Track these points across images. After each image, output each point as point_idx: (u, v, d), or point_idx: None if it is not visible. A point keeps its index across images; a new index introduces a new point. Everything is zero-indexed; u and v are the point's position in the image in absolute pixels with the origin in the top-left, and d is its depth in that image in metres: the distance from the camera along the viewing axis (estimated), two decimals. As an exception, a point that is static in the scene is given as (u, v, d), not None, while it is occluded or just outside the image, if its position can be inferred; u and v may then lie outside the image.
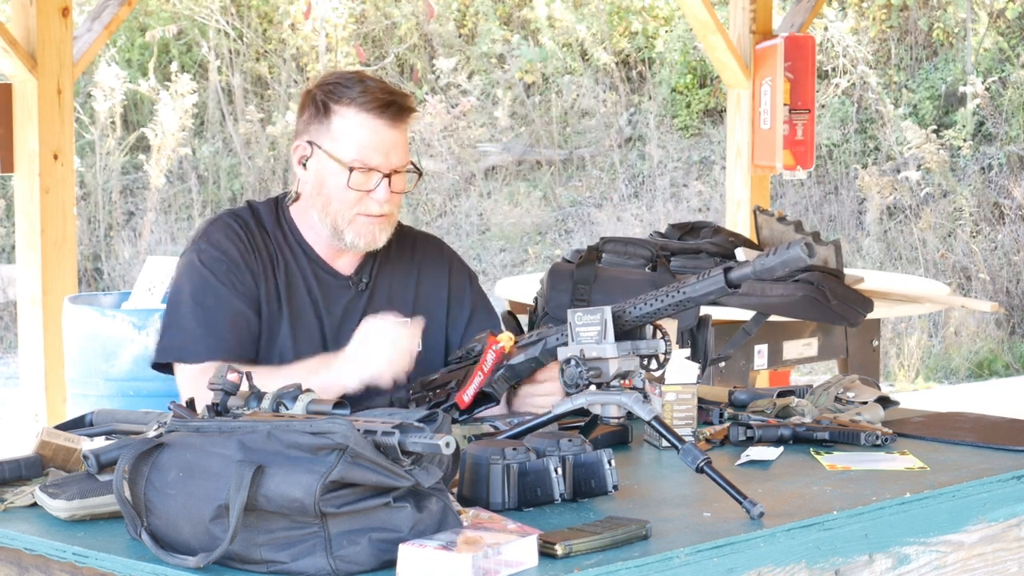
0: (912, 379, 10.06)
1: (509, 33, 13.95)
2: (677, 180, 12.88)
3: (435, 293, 3.16)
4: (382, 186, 2.97)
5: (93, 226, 12.59)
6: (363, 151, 2.97)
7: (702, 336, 3.66)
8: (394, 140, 2.98)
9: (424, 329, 3.04)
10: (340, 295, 3.08)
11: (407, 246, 3.18)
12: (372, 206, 2.99)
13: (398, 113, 2.99)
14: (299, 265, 3.07)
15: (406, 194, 3.11)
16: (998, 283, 11.07)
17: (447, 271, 3.19)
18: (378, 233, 3.02)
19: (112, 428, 2.74)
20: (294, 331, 3.04)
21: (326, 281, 3.08)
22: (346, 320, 3.05)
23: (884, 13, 12.96)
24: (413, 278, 3.14)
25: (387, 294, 3.10)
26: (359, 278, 3.09)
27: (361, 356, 2.88)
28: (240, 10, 14.03)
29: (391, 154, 2.98)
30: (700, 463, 2.44)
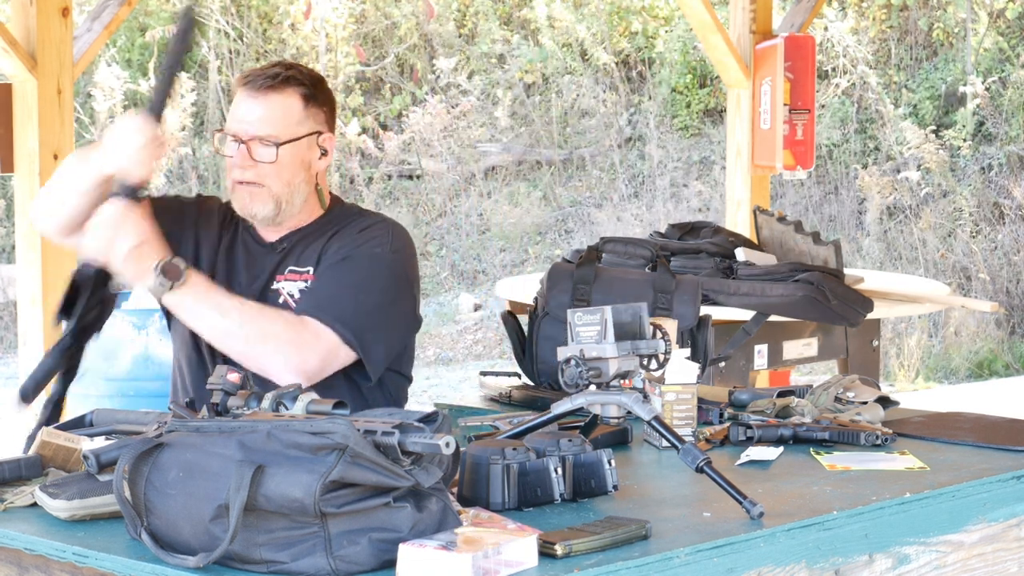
0: (912, 379, 10.06)
1: (509, 33, 13.95)
2: (677, 180, 12.88)
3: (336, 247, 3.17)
4: (238, 151, 3.07)
5: (93, 226, 12.58)
6: (231, 120, 3.12)
7: (702, 336, 3.66)
8: (255, 108, 3.07)
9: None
10: (261, 258, 3.19)
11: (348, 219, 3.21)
12: (234, 171, 3.10)
13: (263, 84, 3.07)
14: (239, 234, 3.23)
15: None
16: (998, 283, 11.07)
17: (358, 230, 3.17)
18: (248, 201, 3.11)
19: (112, 428, 2.74)
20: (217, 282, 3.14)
21: (252, 248, 3.21)
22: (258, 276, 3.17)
23: (884, 13, 12.96)
24: (324, 240, 3.18)
25: (301, 250, 3.18)
26: (281, 244, 3.19)
27: (110, 145, 2.99)
28: (240, 10, 14.03)
29: (248, 122, 3.07)
30: (700, 463, 2.44)
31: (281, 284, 3.15)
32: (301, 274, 3.15)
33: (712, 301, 5.19)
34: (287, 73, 3.11)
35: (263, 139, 3.07)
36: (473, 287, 12.46)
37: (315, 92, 3.14)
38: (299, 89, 3.11)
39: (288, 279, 3.15)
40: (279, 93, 3.09)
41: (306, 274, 3.15)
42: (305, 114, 3.11)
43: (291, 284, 3.15)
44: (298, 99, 3.10)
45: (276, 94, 3.09)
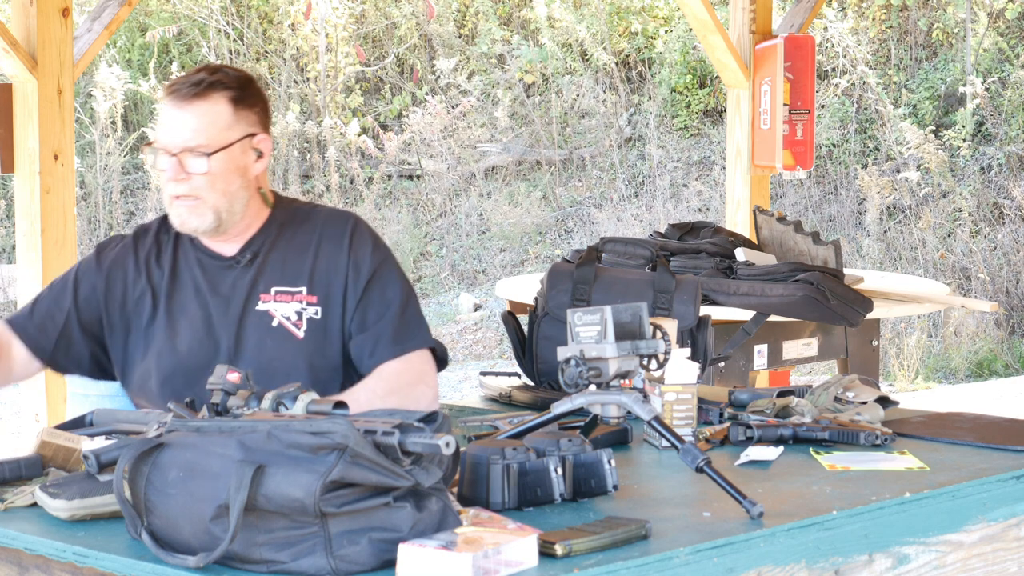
0: (912, 379, 10.06)
1: (509, 33, 13.95)
2: (677, 180, 12.88)
3: (333, 262, 3.10)
4: (170, 164, 2.98)
5: (93, 226, 12.60)
6: (159, 133, 3.02)
7: (702, 336, 3.66)
8: (181, 119, 2.97)
9: (323, 301, 3.07)
10: (224, 275, 3.09)
11: (311, 223, 3.15)
12: (168, 186, 3.01)
13: (186, 93, 2.98)
14: (187, 259, 3.12)
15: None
16: (998, 283, 11.06)
17: (347, 239, 3.12)
18: (187, 215, 3.02)
19: (112, 428, 2.74)
20: (171, 321, 3.08)
21: (209, 266, 3.11)
22: (233, 297, 3.08)
23: (884, 13, 12.96)
24: (311, 251, 3.10)
25: (280, 264, 3.09)
26: (243, 256, 3.09)
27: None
28: (240, 10, 14.03)
29: (176, 133, 2.97)
30: (700, 463, 2.44)
31: (271, 305, 3.07)
32: (294, 294, 3.07)
33: (712, 301, 5.19)
34: (211, 78, 3.00)
35: (193, 150, 2.97)
36: (473, 287, 12.46)
37: (243, 94, 3.03)
38: (225, 93, 3.00)
39: (278, 300, 3.07)
40: (205, 100, 2.98)
41: (299, 294, 3.07)
42: (235, 118, 3.01)
43: (284, 306, 3.06)
44: (226, 104, 3.00)
45: (202, 102, 2.98)
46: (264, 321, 3.06)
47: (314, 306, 3.08)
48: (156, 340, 3.09)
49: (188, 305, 3.09)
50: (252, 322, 3.06)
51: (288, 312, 3.07)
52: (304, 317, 3.07)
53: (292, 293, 3.08)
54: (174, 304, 3.09)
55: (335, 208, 3.25)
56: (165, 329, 3.08)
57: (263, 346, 3.04)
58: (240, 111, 3.02)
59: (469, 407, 3.52)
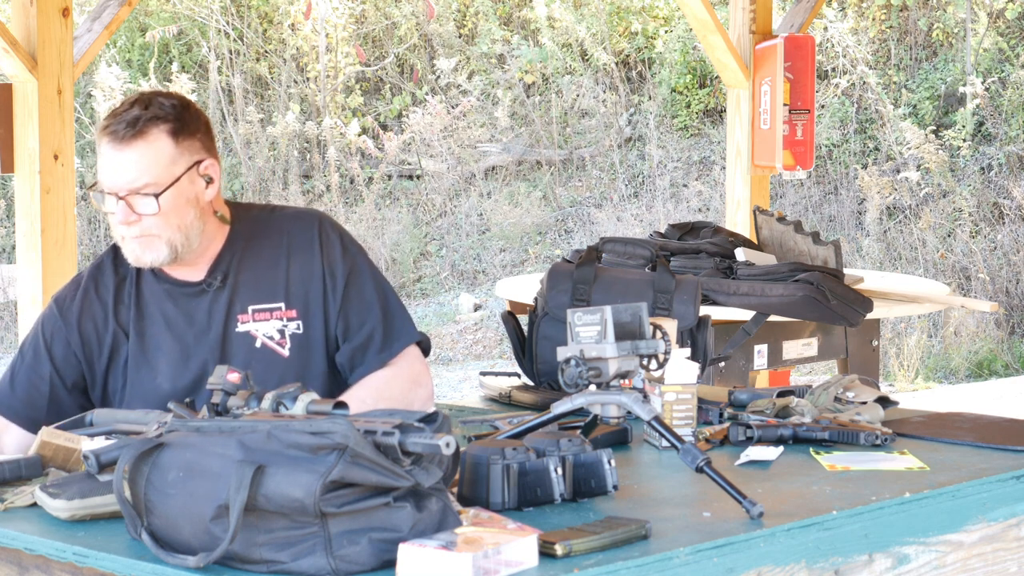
0: (912, 379, 10.06)
1: (509, 33, 13.95)
2: (677, 180, 12.88)
3: (307, 271, 3.05)
4: (119, 208, 2.87)
5: (93, 226, 12.60)
6: (101, 175, 2.90)
7: (702, 336, 3.66)
8: (122, 161, 2.87)
9: (303, 314, 3.02)
10: (196, 301, 3.02)
11: (276, 231, 3.08)
12: (119, 228, 2.91)
13: (125, 134, 2.87)
14: (152, 291, 3.04)
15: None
16: (998, 283, 11.06)
17: (317, 244, 3.06)
18: (140, 251, 2.92)
19: (112, 428, 2.74)
20: (148, 359, 3.01)
21: (178, 295, 3.03)
22: (210, 323, 3.01)
23: (884, 13, 12.96)
24: (283, 262, 3.04)
25: (253, 282, 3.02)
26: (212, 279, 3.02)
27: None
28: (240, 10, 14.03)
29: (118, 176, 2.87)
30: (700, 463, 2.44)
31: (251, 325, 3.01)
32: (273, 311, 3.01)
33: (712, 301, 5.19)
34: (147, 114, 2.88)
35: (140, 191, 2.87)
36: (473, 287, 12.46)
37: (181, 124, 2.91)
38: (164, 127, 2.88)
39: (258, 319, 3.01)
40: (144, 139, 2.87)
41: (278, 310, 3.01)
42: (177, 151, 2.90)
43: (265, 324, 3.01)
44: (166, 138, 2.88)
45: (141, 140, 2.86)
46: (247, 343, 3.01)
47: (295, 320, 3.03)
48: (136, 381, 3.02)
49: (161, 340, 3.02)
50: (234, 345, 3.00)
51: (269, 331, 3.01)
52: (287, 334, 3.02)
53: (271, 310, 3.02)
54: (147, 341, 3.02)
55: (297, 209, 3.18)
56: (144, 369, 3.02)
57: (250, 369, 2.99)
58: (182, 142, 2.91)
59: (469, 407, 3.51)
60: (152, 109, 2.90)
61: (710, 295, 5.19)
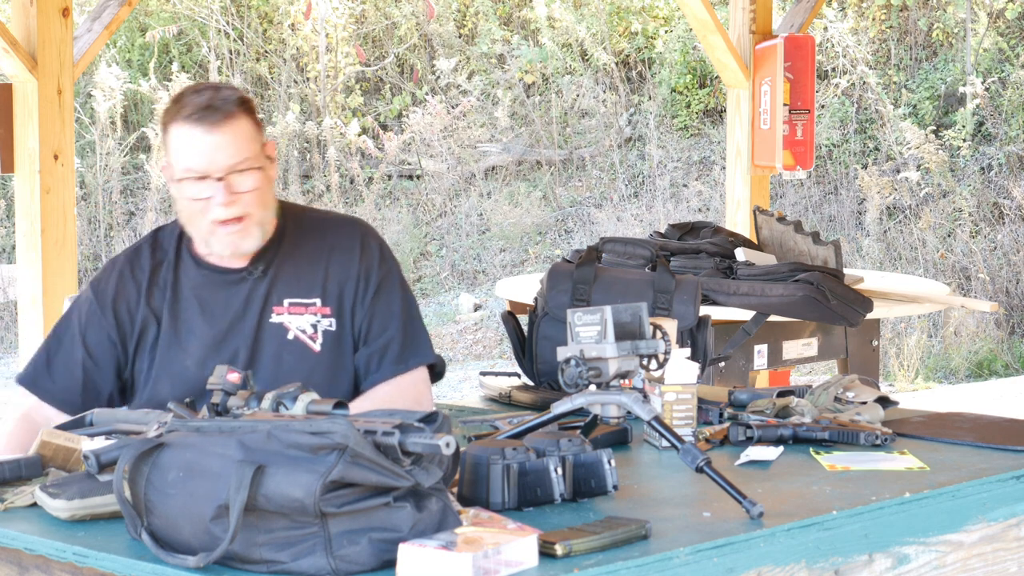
0: (912, 379, 10.06)
1: (509, 33, 13.95)
2: (677, 180, 12.88)
3: (344, 273, 3.10)
4: (219, 190, 2.94)
5: (93, 226, 12.60)
6: (189, 160, 2.95)
7: (702, 336, 3.66)
8: (217, 142, 2.94)
9: (336, 312, 3.07)
10: (235, 289, 3.07)
11: (321, 231, 3.14)
12: (218, 211, 2.95)
13: (216, 117, 2.94)
14: (190, 276, 3.09)
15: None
16: (998, 283, 11.06)
17: (358, 248, 3.12)
18: (239, 240, 3.00)
19: (112, 428, 2.74)
20: (179, 342, 3.06)
21: (218, 281, 3.08)
22: (247, 311, 3.06)
23: (884, 13, 12.96)
24: (323, 261, 3.10)
25: (294, 276, 3.08)
26: (254, 267, 3.07)
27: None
28: (240, 10, 14.03)
29: (217, 156, 2.94)
30: (700, 463, 2.44)
31: (284, 318, 3.06)
32: (308, 306, 3.07)
33: (712, 301, 5.19)
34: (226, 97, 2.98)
35: (238, 168, 2.96)
36: (473, 287, 12.46)
37: (249, 105, 3.03)
38: (241, 107, 2.99)
39: (292, 312, 3.07)
40: (233, 119, 2.96)
41: (314, 306, 3.07)
42: (254, 130, 3.01)
43: (298, 318, 3.06)
44: (245, 118, 2.99)
45: (231, 121, 2.95)
46: (279, 334, 3.06)
47: (328, 318, 3.08)
48: (165, 361, 3.06)
49: (195, 324, 3.06)
50: (267, 335, 3.05)
51: (303, 325, 3.06)
52: (319, 330, 3.07)
53: (306, 305, 3.07)
54: (180, 324, 3.07)
55: (343, 215, 3.25)
56: (174, 350, 3.06)
57: (280, 360, 3.04)
58: (254, 122, 3.02)
59: (469, 407, 3.52)
60: (224, 93, 2.99)
61: (710, 295, 5.19)
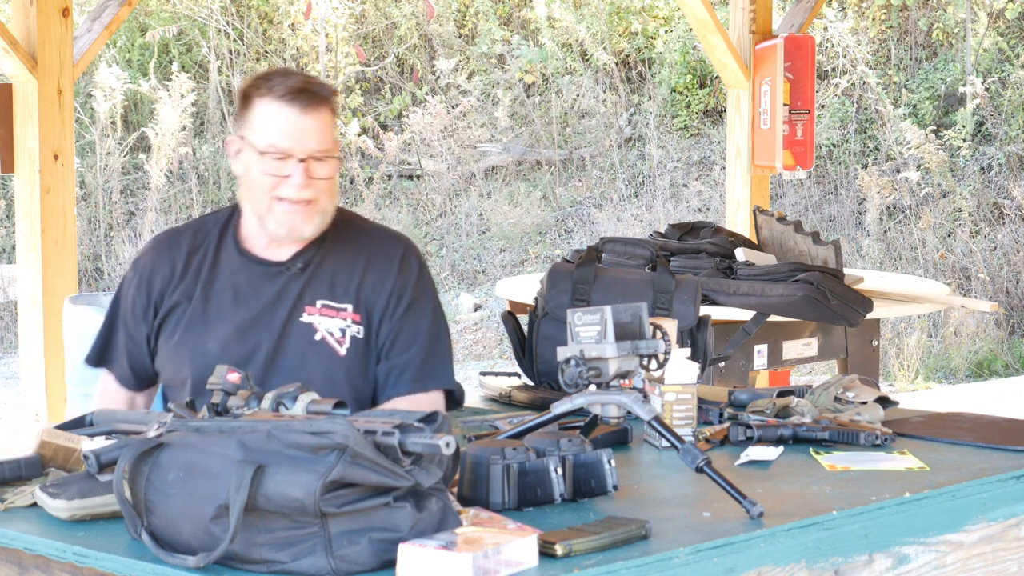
0: (912, 379, 10.06)
1: (509, 33, 13.95)
2: (677, 180, 12.88)
3: (379, 284, 3.12)
4: (298, 170, 2.99)
5: (93, 226, 12.60)
6: (276, 136, 2.99)
7: (702, 336, 3.66)
8: (308, 126, 3.00)
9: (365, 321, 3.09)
10: (271, 281, 3.09)
11: (363, 239, 3.17)
12: (290, 191, 3.00)
13: (310, 100, 3.00)
14: (229, 261, 3.13)
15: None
16: (998, 283, 11.06)
17: (397, 264, 3.15)
18: (300, 222, 3.04)
19: (112, 428, 2.74)
20: (207, 322, 3.09)
21: (255, 270, 3.11)
22: (279, 302, 3.08)
23: (884, 13, 12.96)
24: (360, 267, 3.12)
25: (330, 278, 3.10)
26: (294, 263, 3.10)
27: None
28: (240, 10, 14.03)
29: (305, 139, 2.99)
30: (700, 463, 2.44)
31: (315, 318, 3.08)
32: (339, 311, 3.09)
33: (712, 301, 5.19)
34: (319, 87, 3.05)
35: (319, 154, 3.01)
36: (473, 287, 12.46)
37: (336, 101, 3.12)
38: (329, 100, 3.06)
39: (324, 313, 3.08)
40: (322, 108, 3.03)
41: (345, 311, 3.08)
42: (334, 124, 3.08)
43: (328, 320, 3.08)
44: (329, 111, 3.05)
45: (322, 108, 3.02)
46: (307, 334, 3.07)
47: (358, 325, 3.09)
48: (186, 340, 3.09)
49: (225, 309, 3.09)
50: (294, 332, 3.07)
51: (332, 328, 3.08)
52: (348, 335, 3.08)
53: (337, 309, 3.09)
54: (210, 307, 3.09)
55: (390, 229, 3.28)
56: (199, 329, 3.08)
57: (304, 359, 3.05)
58: (335, 116, 3.10)
59: (469, 407, 3.52)
60: (316, 84, 3.06)
61: (710, 295, 5.19)
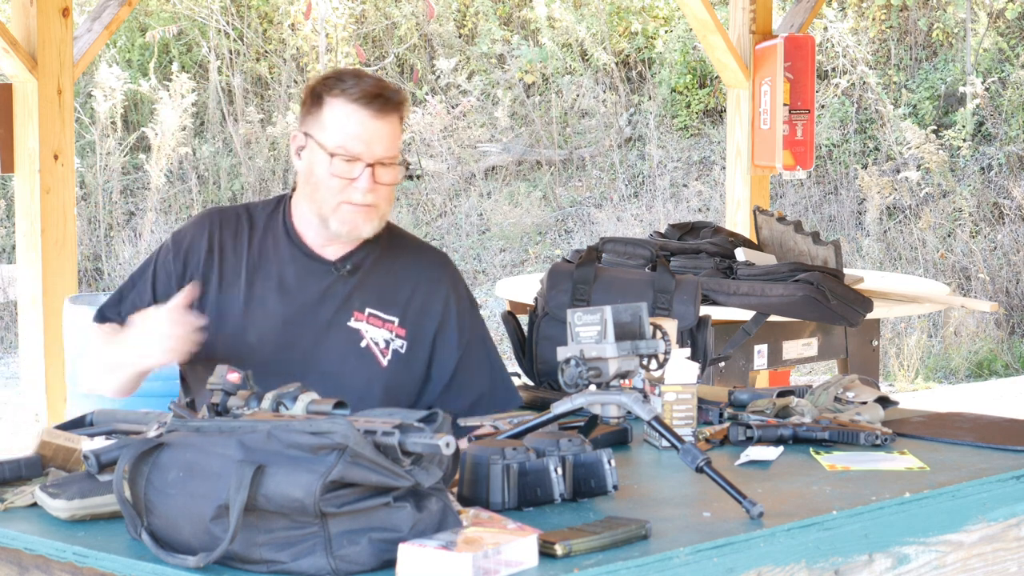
0: (912, 379, 10.06)
1: (509, 33, 13.95)
2: (677, 180, 12.88)
3: (427, 306, 3.13)
4: (364, 175, 2.98)
5: (93, 226, 12.60)
6: (347, 139, 2.99)
7: (702, 336, 3.66)
8: (379, 131, 2.99)
9: (411, 337, 3.09)
10: (319, 278, 3.08)
11: (412, 253, 3.18)
12: (355, 194, 2.99)
13: (384, 105, 3.00)
14: (277, 250, 3.11)
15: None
16: (998, 283, 11.07)
17: (445, 287, 3.17)
18: (362, 223, 3.03)
19: (112, 428, 2.74)
20: (248, 309, 3.07)
21: (304, 264, 3.10)
22: (325, 301, 3.07)
23: (884, 13, 12.96)
24: (409, 285, 3.13)
25: (379, 288, 3.10)
26: (344, 264, 3.09)
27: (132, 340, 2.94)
28: (240, 10, 14.03)
29: (375, 144, 2.99)
30: (700, 463, 2.44)
31: (363, 325, 3.08)
32: (386, 322, 3.09)
33: (712, 301, 5.19)
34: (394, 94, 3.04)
35: (386, 160, 3.00)
36: (473, 287, 12.47)
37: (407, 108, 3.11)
38: (401, 108, 3.05)
39: (371, 323, 3.08)
40: (394, 114, 3.02)
41: (391, 324, 3.08)
42: (401, 130, 3.09)
43: (376, 331, 3.08)
44: (398, 117, 3.05)
45: (393, 115, 3.02)
46: (353, 339, 3.07)
47: (402, 339, 3.09)
48: (225, 325, 3.06)
49: (268, 299, 3.08)
50: (339, 335, 3.06)
51: (377, 337, 3.08)
52: (391, 347, 3.08)
53: (384, 320, 3.09)
54: (253, 294, 3.08)
55: (430, 245, 3.29)
56: (238, 317, 3.07)
57: (345, 362, 3.05)
58: (402, 125, 3.09)
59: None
60: (391, 90, 3.04)
61: (710, 295, 5.19)
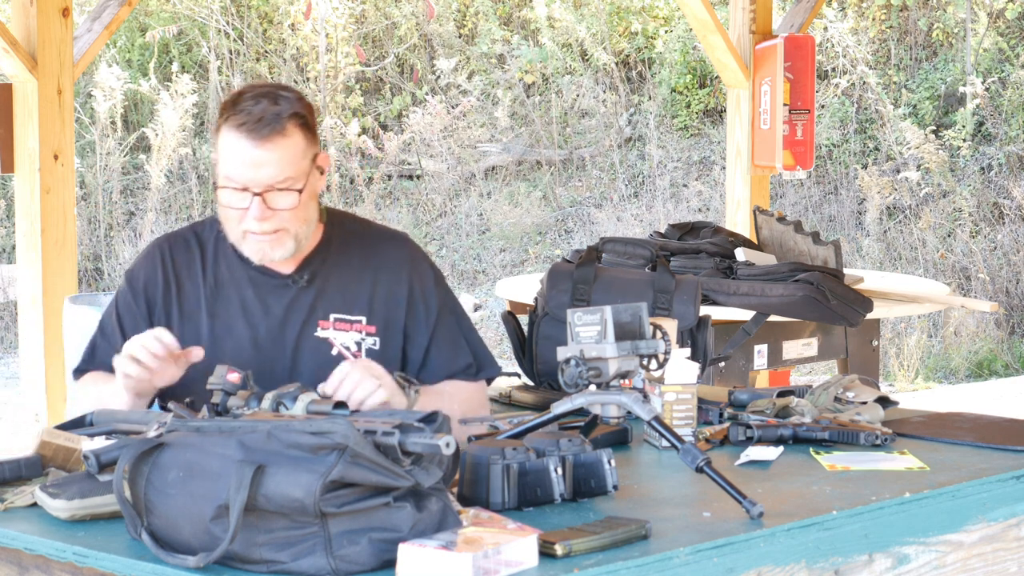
0: (912, 379, 10.06)
1: (509, 33, 13.95)
2: (677, 180, 12.88)
3: (392, 293, 3.06)
4: (254, 204, 2.85)
5: (93, 226, 12.59)
6: (231, 169, 2.86)
7: (702, 336, 3.66)
8: (264, 157, 2.83)
9: (381, 331, 3.04)
10: (279, 295, 3.02)
11: (367, 245, 3.09)
12: (251, 224, 2.88)
13: (269, 131, 2.84)
14: (232, 273, 3.04)
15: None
16: (998, 283, 11.06)
17: (406, 269, 3.08)
18: (269, 250, 2.92)
19: (112, 428, 2.74)
20: (214, 336, 3.01)
21: (262, 283, 3.02)
22: (290, 316, 3.01)
23: (884, 13, 12.96)
24: (369, 279, 3.05)
25: (340, 290, 3.03)
26: (300, 275, 3.02)
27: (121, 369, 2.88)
28: (240, 10, 14.03)
29: (261, 171, 2.84)
30: (700, 463, 2.44)
31: (330, 332, 3.01)
32: (353, 323, 3.02)
33: (712, 301, 5.19)
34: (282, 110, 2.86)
35: (279, 187, 2.86)
36: (473, 287, 12.46)
37: (307, 115, 2.92)
38: (297, 121, 2.88)
39: (338, 328, 3.02)
40: (283, 135, 2.85)
41: (359, 324, 3.02)
42: (306, 144, 2.90)
43: (343, 335, 3.01)
44: (298, 132, 2.88)
45: (280, 137, 2.85)
46: (322, 349, 3.01)
47: (373, 336, 3.04)
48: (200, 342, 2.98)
49: (234, 324, 3.01)
50: (309, 347, 3.01)
51: (347, 341, 3.02)
52: (363, 348, 3.03)
53: (351, 322, 3.03)
54: (217, 322, 3.02)
55: (388, 228, 3.19)
56: (209, 338, 3.00)
57: (322, 373, 2.96)
58: (308, 135, 2.92)
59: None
60: (283, 104, 2.87)
61: (710, 295, 5.19)
